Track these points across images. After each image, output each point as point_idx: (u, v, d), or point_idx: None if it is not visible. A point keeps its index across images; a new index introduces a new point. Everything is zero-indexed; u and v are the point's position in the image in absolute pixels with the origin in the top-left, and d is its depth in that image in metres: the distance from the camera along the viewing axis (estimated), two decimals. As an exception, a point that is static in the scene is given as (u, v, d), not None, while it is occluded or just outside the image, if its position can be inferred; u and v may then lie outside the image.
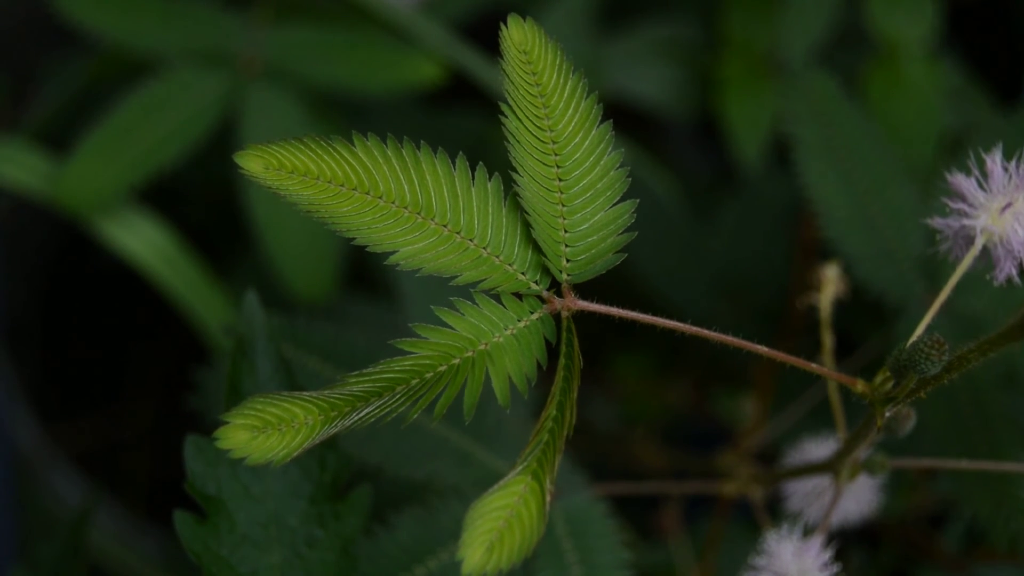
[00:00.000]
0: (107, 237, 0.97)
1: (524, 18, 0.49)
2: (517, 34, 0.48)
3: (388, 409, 0.45)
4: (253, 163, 0.45)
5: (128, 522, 1.04)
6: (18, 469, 1.05)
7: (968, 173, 0.53)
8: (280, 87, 0.98)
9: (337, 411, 0.45)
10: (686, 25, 1.14)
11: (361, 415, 0.45)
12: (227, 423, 0.44)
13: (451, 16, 1.06)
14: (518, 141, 0.48)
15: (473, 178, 0.48)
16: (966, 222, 0.53)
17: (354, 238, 0.47)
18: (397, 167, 0.47)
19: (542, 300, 0.48)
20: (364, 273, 1.10)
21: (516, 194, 0.48)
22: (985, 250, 0.53)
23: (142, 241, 0.98)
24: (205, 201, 1.18)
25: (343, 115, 1.05)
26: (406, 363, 0.46)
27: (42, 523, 1.05)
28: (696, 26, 1.14)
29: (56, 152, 0.98)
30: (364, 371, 0.46)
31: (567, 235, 0.48)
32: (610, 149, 0.49)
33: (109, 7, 0.96)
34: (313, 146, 0.46)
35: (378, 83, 0.98)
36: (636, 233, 0.48)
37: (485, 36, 0.51)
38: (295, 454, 0.44)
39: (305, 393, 0.46)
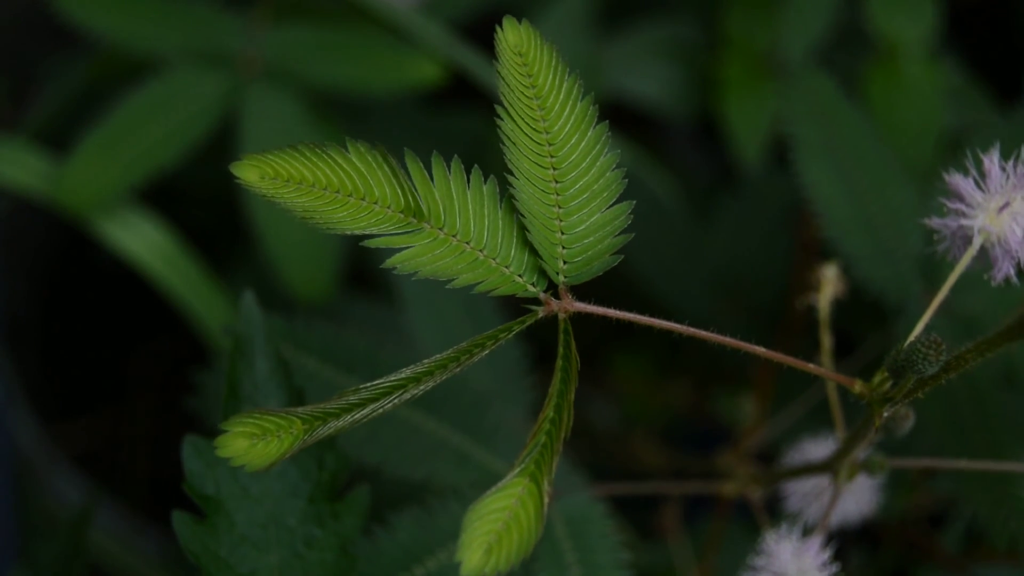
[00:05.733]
0: (107, 237, 0.97)
1: (523, 19, 0.49)
2: (513, 36, 0.48)
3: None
4: (249, 173, 0.45)
5: (128, 522, 1.04)
6: (18, 469, 1.05)
7: (966, 173, 0.53)
8: (280, 87, 0.98)
9: (333, 417, 0.45)
10: (686, 25, 1.14)
11: (354, 417, 0.45)
12: (226, 431, 0.44)
13: (451, 16, 1.06)
14: (514, 143, 0.48)
15: (469, 181, 0.48)
16: (963, 222, 0.53)
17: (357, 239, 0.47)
18: (391, 172, 0.47)
19: (539, 302, 0.48)
20: (364, 273, 1.11)
21: (512, 196, 0.48)
22: (983, 250, 0.53)
23: (142, 241, 0.98)
24: (205, 201, 1.18)
25: (343, 115, 1.05)
26: (404, 373, 0.46)
27: (42, 523, 1.05)
28: (696, 26, 1.14)
29: (56, 152, 0.98)
30: (362, 387, 0.46)
31: (563, 237, 0.48)
32: (607, 150, 0.49)
33: (109, 7, 0.96)
34: (308, 154, 0.46)
35: (378, 83, 0.98)
36: (633, 234, 0.48)
37: (485, 36, 0.51)
38: (289, 454, 0.45)
39: (300, 409, 0.46)
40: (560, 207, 0.48)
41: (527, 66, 0.48)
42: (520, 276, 0.48)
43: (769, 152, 1.06)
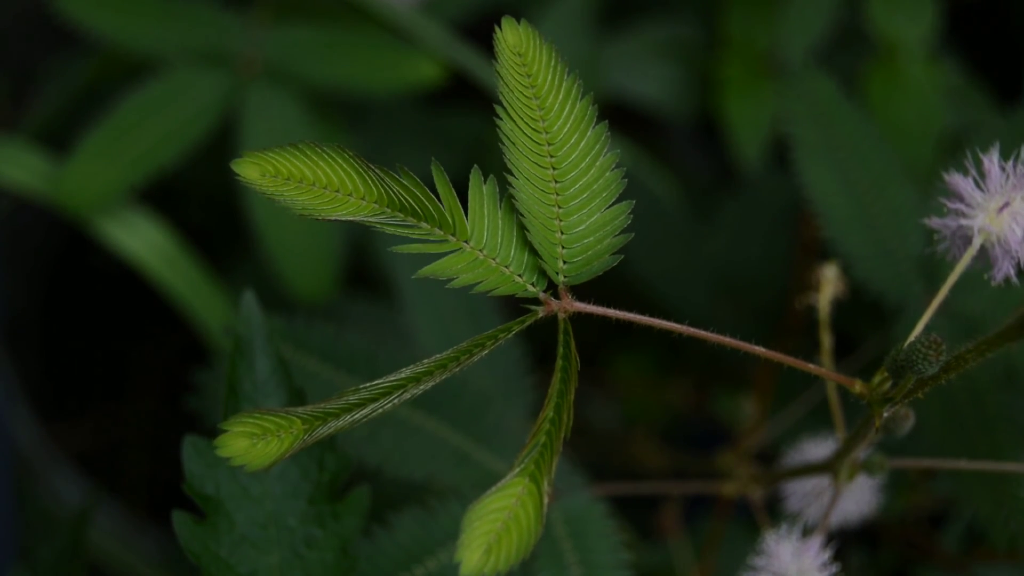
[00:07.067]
0: (107, 237, 0.97)
1: (523, 19, 0.49)
2: (511, 36, 0.48)
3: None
4: (250, 170, 0.45)
5: (128, 522, 1.04)
6: (18, 469, 1.05)
7: (966, 173, 0.53)
8: (280, 87, 0.98)
9: (333, 417, 0.45)
10: (686, 25, 1.14)
11: (354, 417, 0.45)
12: (226, 431, 0.44)
13: (451, 16, 1.06)
14: (513, 143, 0.48)
15: (468, 181, 0.48)
16: (963, 222, 0.53)
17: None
18: (376, 178, 0.47)
19: (538, 302, 0.48)
20: (364, 273, 1.11)
21: (512, 196, 0.48)
22: (983, 250, 0.53)
23: (142, 241, 0.98)
24: (205, 201, 1.18)
25: (343, 115, 1.05)
26: (404, 374, 0.46)
27: (42, 523, 1.05)
28: (696, 26, 1.14)
29: (56, 152, 0.98)
30: (361, 387, 0.46)
31: (563, 237, 0.48)
32: (606, 149, 0.49)
33: (108, 7, 0.96)
34: (308, 152, 0.46)
35: (378, 83, 0.98)
36: (633, 234, 0.48)
37: (485, 36, 0.51)
38: (289, 454, 0.45)
39: (300, 409, 0.46)
40: (560, 207, 0.48)
41: (526, 66, 0.48)
42: (520, 276, 0.48)
43: (769, 152, 1.06)
